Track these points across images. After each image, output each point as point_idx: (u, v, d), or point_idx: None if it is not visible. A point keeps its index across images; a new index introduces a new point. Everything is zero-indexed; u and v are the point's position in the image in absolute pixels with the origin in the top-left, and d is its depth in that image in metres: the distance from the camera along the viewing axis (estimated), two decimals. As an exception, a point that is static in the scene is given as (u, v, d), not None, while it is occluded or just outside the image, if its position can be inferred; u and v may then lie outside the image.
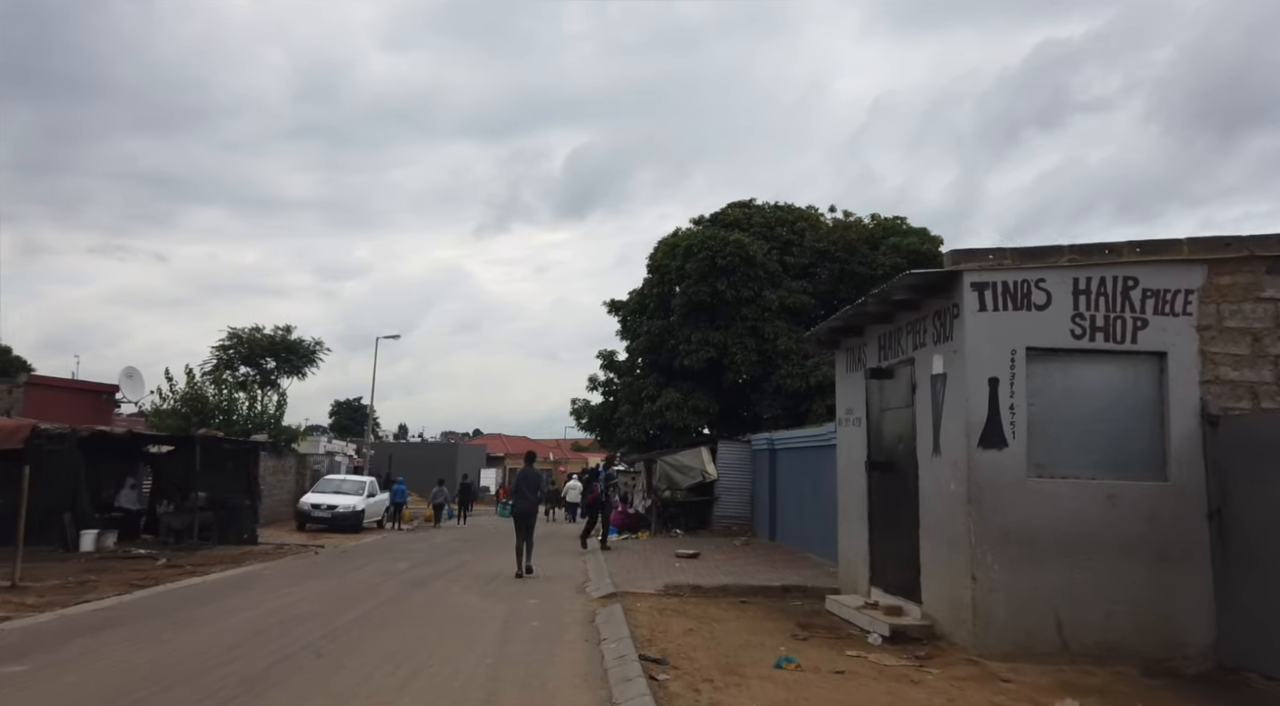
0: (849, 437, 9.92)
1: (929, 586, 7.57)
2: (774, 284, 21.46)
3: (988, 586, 6.75)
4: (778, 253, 22.00)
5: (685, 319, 21.88)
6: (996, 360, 6.96)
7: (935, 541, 7.46)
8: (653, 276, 23.64)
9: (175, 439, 20.02)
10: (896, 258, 20.85)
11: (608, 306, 25.21)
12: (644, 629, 7.97)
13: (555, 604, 10.09)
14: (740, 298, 21.05)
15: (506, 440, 74.80)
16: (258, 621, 8.70)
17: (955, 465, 7.08)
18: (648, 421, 22.32)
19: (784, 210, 23.36)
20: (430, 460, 54.29)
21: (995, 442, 6.89)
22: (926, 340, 7.77)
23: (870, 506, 9.16)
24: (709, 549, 16.60)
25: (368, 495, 26.54)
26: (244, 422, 27.05)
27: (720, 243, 21.05)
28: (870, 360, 9.23)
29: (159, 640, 7.67)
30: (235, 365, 32.09)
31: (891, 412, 8.71)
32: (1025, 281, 7.04)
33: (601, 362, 25.08)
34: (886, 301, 7.93)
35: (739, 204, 23.48)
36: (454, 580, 12.69)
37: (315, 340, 34.13)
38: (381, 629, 8.34)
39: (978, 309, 7.02)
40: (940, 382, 7.44)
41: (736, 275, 21.07)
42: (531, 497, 13.61)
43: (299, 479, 29.64)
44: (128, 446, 20.11)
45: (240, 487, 20.00)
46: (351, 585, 12.06)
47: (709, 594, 10.48)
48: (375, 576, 13.26)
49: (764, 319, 21.13)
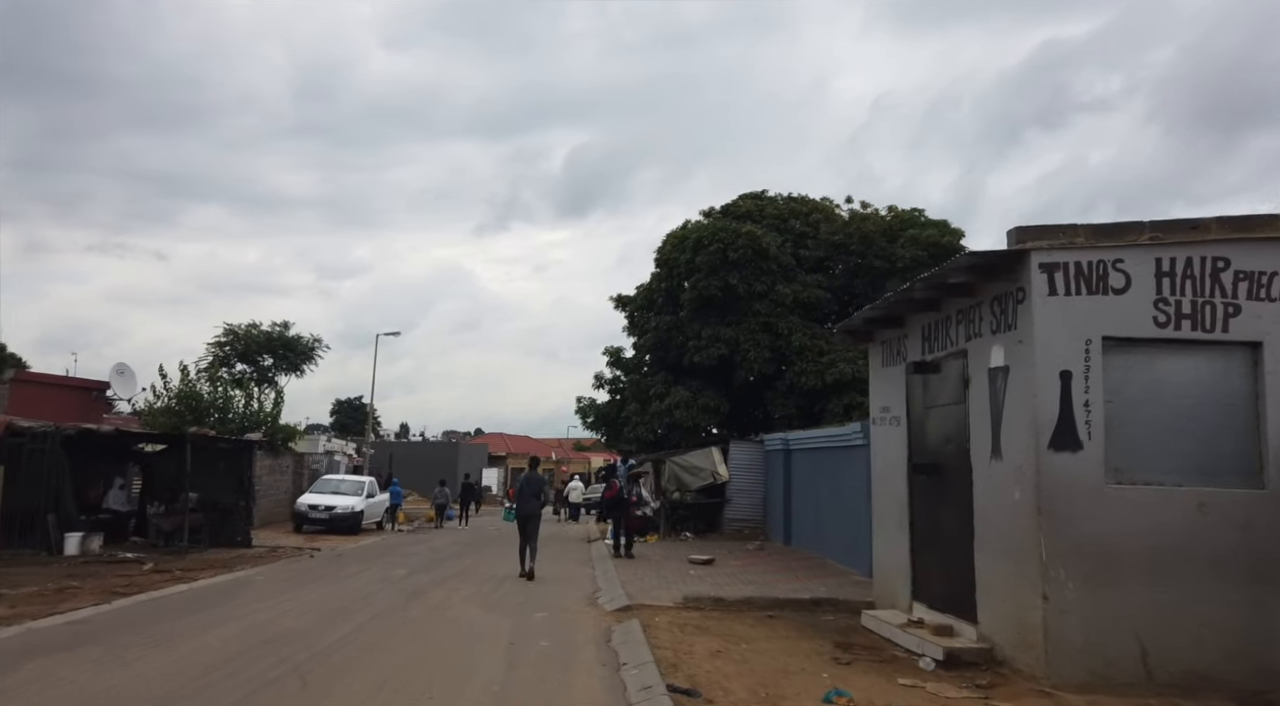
0: (886, 438, 9.12)
1: (986, 604, 6.78)
2: (788, 278, 20.64)
3: (1060, 607, 5.96)
4: (791, 245, 21.19)
5: (695, 314, 21.08)
6: (1069, 351, 6.16)
7: (994, 554, 6.67)
8: (661, 270, 22.85)
9: (165, 437, 19.25)
10: (916, 250, 20.03)
11: (614, 302, 24.43)
12: (666, 650, 7.18)
13: (565, 618, 9.30)
14: (752, 292, 20.24)
15: (508, 439, 74.05)
16: (240, 638, 7.92)
17: (1020, 470, 6.29)
18: (656, 420, 21.53)
19: (798, 202, 22.54)
20: (431, 460, 53.55)
21: (1068, 444, 6.10)
22: (983, 329, 6.97)
23: (912, 513, 8.36)
24: (722, 554, 15.80)
25: (367, 495, 25.77)
26: (240, 421, 26.30)
27: (732, 235, 20.23)
28: (912, 353, 8.43)
29: (126, 661, 6.88)
30: (232, 362, 31.29)
31: (938, 411, 7.91)
32: (1101, 262, 6.24)
33: (608, 359, 24.29)
34: (937, 286, 7.13)
35: (751, 195, 22.66)
36: (454, 589, 11.90)
37: (313, 337, 33.41)
38: (375, 649, 7.54)
39: (1047, 293, 6.22)
40: (1000, 377, 6.65)
41: (749, 269, 20.26)
42: (535, 501, 13.57)
43: (296, 479, 28.87)
44: (116, 445, 19.36)
45: (233, 488, 19.21)
46: (345, 594, 11.28)
47: (732, 607, 9.68)
48: (371, 584, 12.47)
49: (777, 314, 20.31)
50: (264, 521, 25.60)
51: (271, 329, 32.20)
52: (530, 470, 14.23)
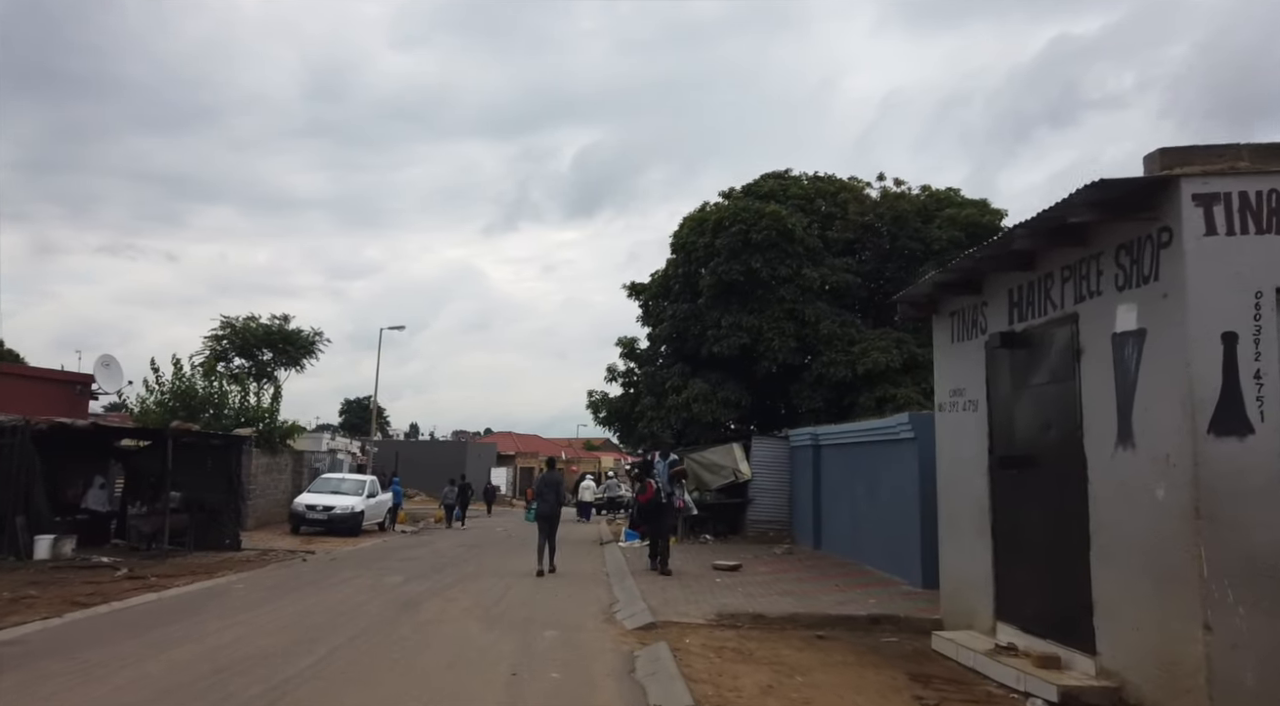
0: (956, 427, 7.72)
1: (1110, 632, 5.38)
2: (815, 261, 19.19)
3: (1229, 640, 4.56)
4: (818, 227, 19.73)
5: (714, 301, 19.67)
6: (1233, 307, 4.77)
7: (1123, 568, 5.27)
8: (677, 256, 21.45)
9: (146, 432, 17.97)
10: (953, 231, 18.54)
11: (627, 289, 23.03)
12: (705, 685, 5.81)
13: (579, 639, 7.93)
14: (777, 276, 18.81)
15: (517, 439, 72.88)
16: (189, 666, 6.59)
17: (1167, 461, 4.89)
18: (672, 415, 20.14)
19: (824, 181, 21.06)
20: (439, 459, 52.40)
21: (1234, 427, 4.70)
22: (1103, 286, 5.56)
23: (995, 516, 6.96)
24: (748, 559, 14.41)
25: (368, 495, 24.50)
26: (235, 417, 25.11)
27: (755, 215, 18.80)
28: (994, 323, 7.03)
29: (37, 698, 5.57)
30: (229, 357, 30.07)
31: (1033, 391, 6.51)
32: (1274, 192, 4.83)
33: (621, 351, 22.89)
34: (1044, 232, 5.72)
35: (774, 174, 21.20)
36: (453, 599, 10.56)
37: (314, 330, 32.09)
38: (348, 681, 6.20)
39: (1203, 232, 4.82)
40: (1132, 344, 5.25)
41: (773, 251, 18.83)
42: (553, 500, 13.83)
43: (295, 477, 27.63)
44: (96, 442, 18.14)
45: (222, 487, 17.92)
46: (330, 605, 9.96)
47: (774, 625, 8.28)
48: (361, 593, 11.15)
49: (804, 300, 18.87)
50: (260, 522, 24.42)
51: (271, 322, 30.93)
52: (548, 470, 14.67)
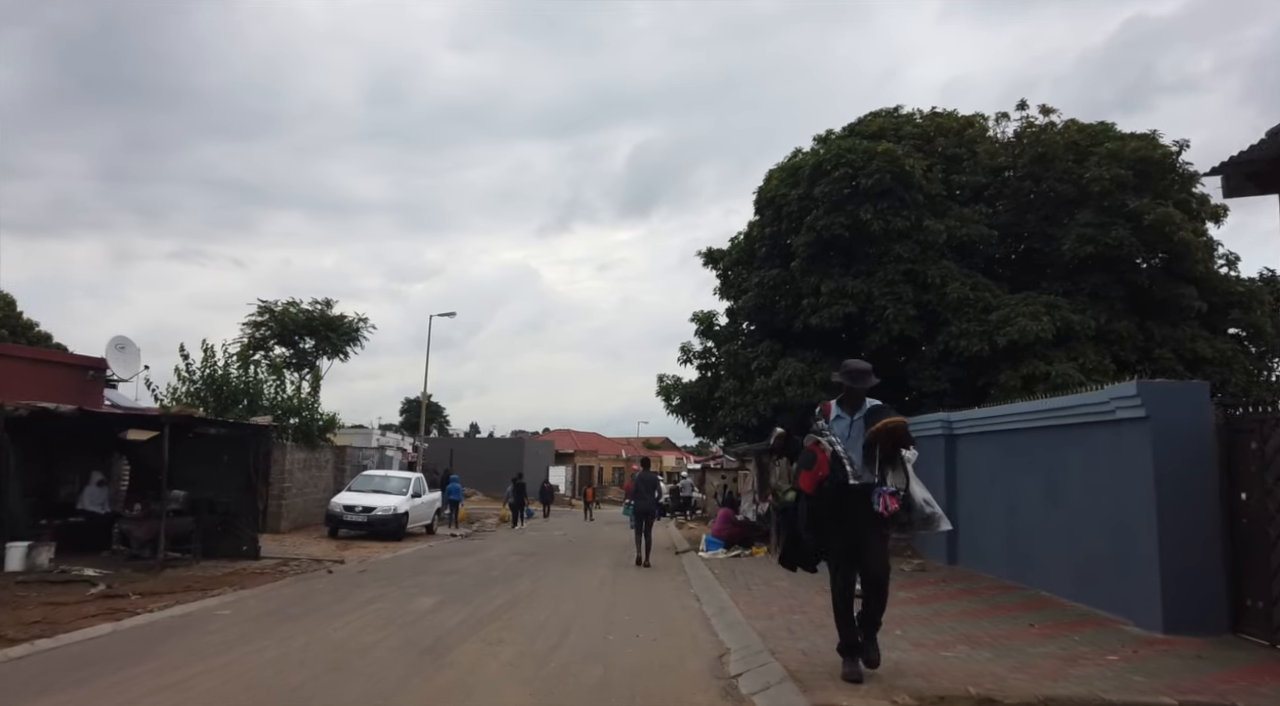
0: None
1: None
2: (937, 211, 15.70)
3: None
4: (941, 170, 16.25)
5: (811, 264, 16.37)
6: None
7: None
8: (764, 215, 18.19)
9: (147, 420, 15.58)
10: (1117, 168, 14.83)
11: (703, 257, 19.85)
12: None
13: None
14: (891, 230, 15.38)
15: (576, 436, 70.49)
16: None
17: None
18: (759, 400, 16.94)
19: (944, 117, 17.52)
20: (495, 457, 50.36)
21: None
22: None
23: None
24: (876, 579, 11.13)
25: (413, 495, 22.01)
26: (271, 408, 22.88)
27: (864, 156, 15.39)
28: None
29: None
30: (269, 344, 27.94)
31: None
32: None
33: (697, 327, 19.66)
34: None
35: (882, 113, 17.69)
36: (495, 640, 7.58)
37: (359, 316, 29.75)
38: None
39: None
40: None
41: (886, 200, 15.41)
42: (650, 497, 15.12)
43: (337, 474, 25.31)
44: (98, 433, 15.83)
45: (239, 485, 15.40)
46: (323, 650, 7.10)
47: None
48: (375, 626, 8.30)
49: (925, 259, 15.40)
50: (296, 524, 22.13)
51: (312, 308, 28.70)
52: (644, 470, 16.05)
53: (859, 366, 6.11)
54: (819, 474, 5.74)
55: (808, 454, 5.87)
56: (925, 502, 5.95)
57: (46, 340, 35.72)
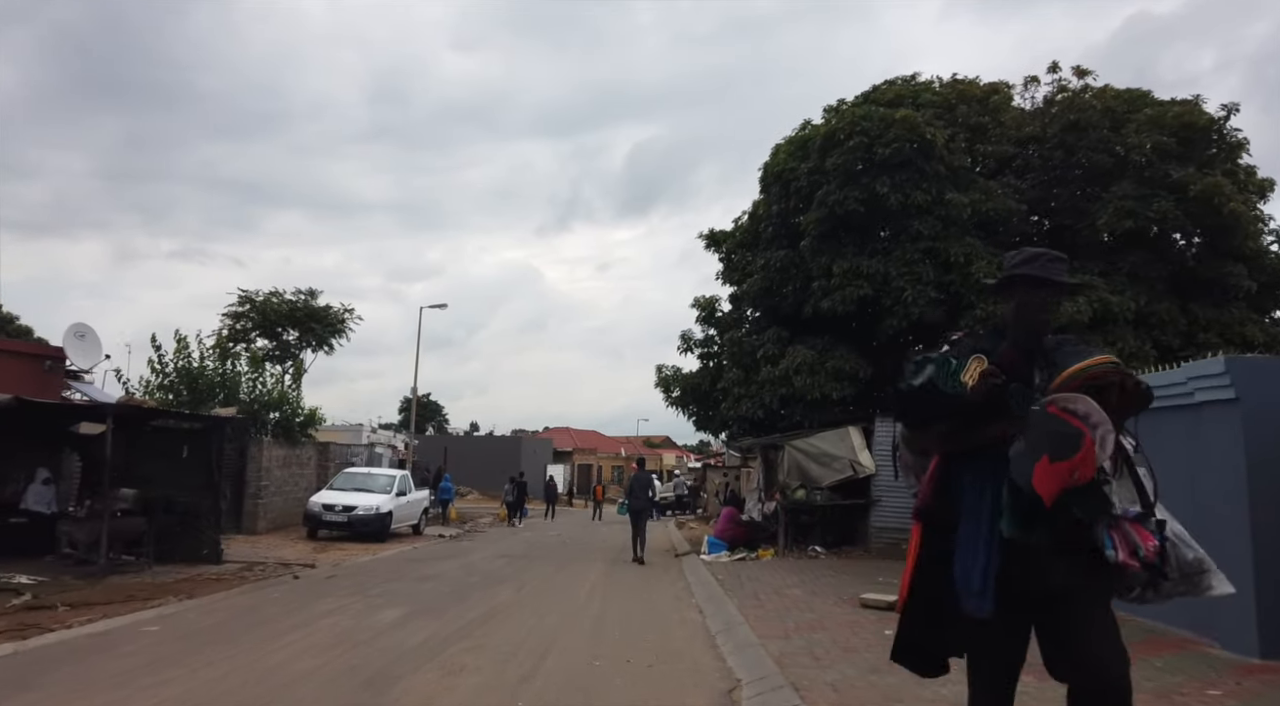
0: None
1: None
2: (961, 185, 14.42)
3: None
4: (964, 140, 14.97)
5: (822, 242, 15.09)
6: None
7: None
8: (769, 193, 16.92)
9: (90, 410, 14.33)
10: (1158, 135, 13.55)
11: (705, 239, 18.58)
12: None
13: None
14: (910, 204, 14.10)
15: (574, 434, 69.25)
16: None
17: None
18: (766, 391, 15.70)
19: (966, 84, 16.21)
20: (493, 455, 49.18)
21: None
22: None
23: None
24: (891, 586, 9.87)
25: (398, 493, 20.77)
26: (251, 403, 21.70)
27: (881, 123, 14.12)
28: None
29: None
30: (250, 336, 26.69)
31: None
32: None
33: (698, 314, 18.38)
34: None
35: (898, 81, 16.37)
36: (456, 670, 6.31)
37: (344, 306, 28.49)
38: None
39: None
40: None
41: (905, 171, 14.13)
42: (644, 497, 15.53)
43: (321, 472, 24.05)
44: (46, 426, 14.56)
45: (200, 482, 14.14)
46: (253, 678, 5.84)
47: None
48: (320, 647, 7.04)
49: (947, 236, 14.10)
50: (275, 524, 20.89)
51: (295, 298, 27.42)
52: (640, 470, 16.43)
53: (1046, 253, 3.02)
54: (1079, 472, 2.56)
55: (1058, 428, 2.59)
56: (1184, 543, 2.83)
57: (28, 334, 34.52)
